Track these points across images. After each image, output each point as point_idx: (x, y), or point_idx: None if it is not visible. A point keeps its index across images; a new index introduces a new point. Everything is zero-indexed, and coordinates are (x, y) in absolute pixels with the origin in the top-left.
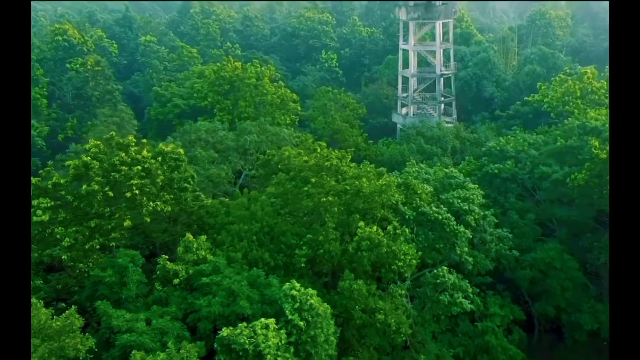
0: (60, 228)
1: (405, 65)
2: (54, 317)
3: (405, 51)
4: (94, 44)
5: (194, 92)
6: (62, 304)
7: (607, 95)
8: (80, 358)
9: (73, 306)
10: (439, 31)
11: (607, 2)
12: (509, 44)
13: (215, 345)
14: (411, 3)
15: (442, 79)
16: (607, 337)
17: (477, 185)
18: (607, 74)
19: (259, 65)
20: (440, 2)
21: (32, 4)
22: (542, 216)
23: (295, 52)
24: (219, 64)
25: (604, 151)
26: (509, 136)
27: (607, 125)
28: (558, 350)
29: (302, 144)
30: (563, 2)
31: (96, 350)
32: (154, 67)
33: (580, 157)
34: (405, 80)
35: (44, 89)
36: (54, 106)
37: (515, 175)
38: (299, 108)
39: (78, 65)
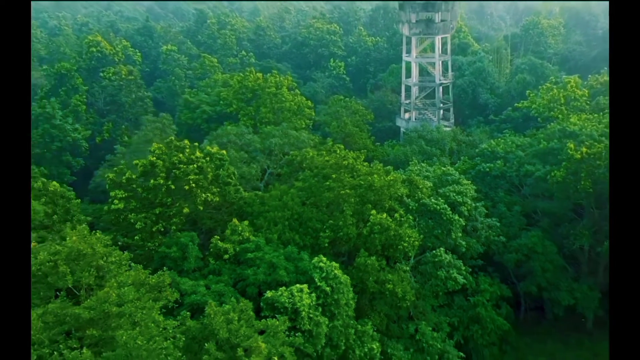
0: (132, 214)
1: (408, 74)
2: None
3: (408, 62)
4: (123, 55)
5: (220, 100)
6: None
7: (588, 102)
8: (169, 306)
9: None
10: (438, 45)
11: (599, 9)
12: (502, 54)
13: (262, 304)
14: (413, 20)
15: (441, 87)
16: (583, 312)
17: (470, 182)
18: (591, 82)
19: (278, 76)
20: (440, 19)
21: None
22: (527, 208)
23: (305, 60)
24: (241, 75)
25: (579, 152)
26: (500, 139)
27: (583, 129)
28: (540, 324)
29: (323, 147)
30: (558, 9)
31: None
32: (176, 75)
33: (560, 157)
34: (408, 88)
35: (83, 97)
36: (90, 112)
37: (504, 173)
38: (313, 113)
39: (110, 74)
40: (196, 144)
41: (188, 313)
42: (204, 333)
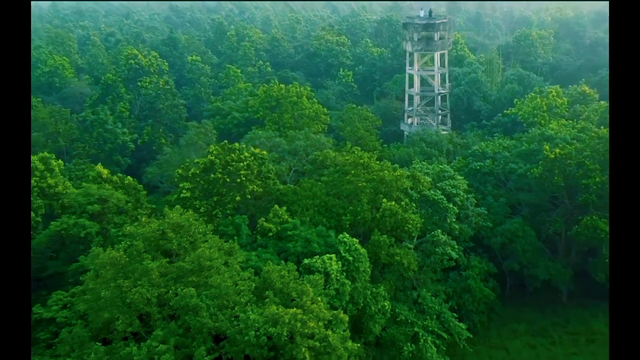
0: (197, 201)
1: (411, 85)
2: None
3: (411, 74)
4: (157, 66)
5: (248, 107)
6: None
7: (567, 109)
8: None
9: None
10: (437, 59)
11: (588, 19)
12: (494, 65)
13: (301, 269)
14: (415, 38)
15: (439, 96)
16: (558, 286)
17: (463, 177)
18: (571, 91)
19: (298, 86)
20: (439, 37)
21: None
22: (511, 200)
23: (316, 69)
24: (266, 85)
25: (553, 153)
26: (489, 141)
27: (559, 133)
28: (522, 296)
29: (343, 148)
30: (550, 19)
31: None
32: (201, 83)
33: (538, 157)
34: (411, 97)
35: (127, 104)
36: (131, 117)
37: (492, 171)
38: (329, 119)
39: (147, 84)
40: (243, 145)
41: (252, 270)
42: (264, 285)
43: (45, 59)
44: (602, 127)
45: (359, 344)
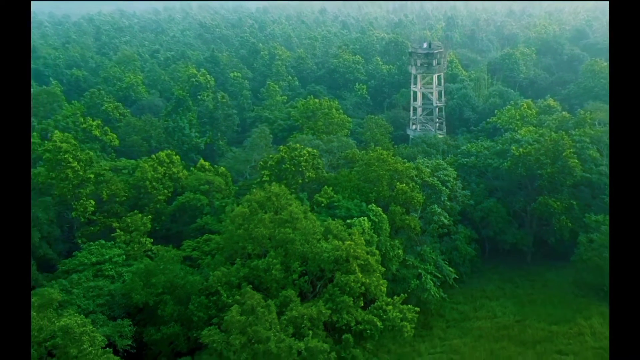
0: (274, 184)
1: (414, 99)
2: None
3: (415, 91)
4: (214, 82)
5: (289, 116)
6: None
7: (536, 118)
8: None
9: None
10: (435, 80)
11: (565, 37)
12: (481, 82)
13: (344, 225)
14: (418, 64)
15: (437, 108)
16: (522, 249)
17: (453, 169)
18: (540, 103)
19: (328, 100)
20: (436, 63)
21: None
22: (488, 186)
23: (336, 83)
24: (304, 100)
25: (518, 151)
26: (474, 143)
27: (524, 137)
28: (496, 257)
29: (368, 148)
30: (535, 34)
31: None
32: (244, 95)
33: (508, 155)
34: (414, 108)
35: (194, 114)
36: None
37: (475, 165)
38: (351, 126)
39: (205, 96)
40: (298, 145)
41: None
42: (327, 232)
43: (120, 76)
44: (559, 131)
45: (384, 269)
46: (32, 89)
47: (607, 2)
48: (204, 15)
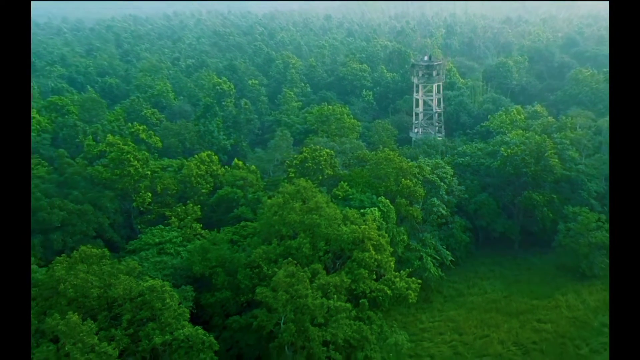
0: (301, 178)
1: (416, 105)
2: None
3: (417, 99)
4: (235, 90)
5: (306, 121)
6: None
7: (524, 122)
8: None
9: None
10: (434, 89)
11: (557, 45)
12: (477, 89)
13: (358, 214)
14: (420, 75)
15: (436, 113)
16: (511, 237)
17: (451, 168)
18: (528, 109)
19: (340, 107)
20: (436, 74)
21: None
22: (481, 182)
23: (344, 89)
24: (318, 106)
25: (507, 152)
26: (469, 145)
27: (513, 139)
28: (487, 244)
29: (377, 149)
30: (529, 42)
31: None
32: (262, 102)
33: (498, 155)
34: (416, 114)
35: (220, 119)
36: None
37: (469, 164)
38: (360, 129)
39: (229, 103)
40: (318, 147)
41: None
42: (344, 218)
43: (150, 84)
44: (543, 134)
45: (392, 249)
46: (71, 95)
47: (605, 5)
48: (214, 22)
